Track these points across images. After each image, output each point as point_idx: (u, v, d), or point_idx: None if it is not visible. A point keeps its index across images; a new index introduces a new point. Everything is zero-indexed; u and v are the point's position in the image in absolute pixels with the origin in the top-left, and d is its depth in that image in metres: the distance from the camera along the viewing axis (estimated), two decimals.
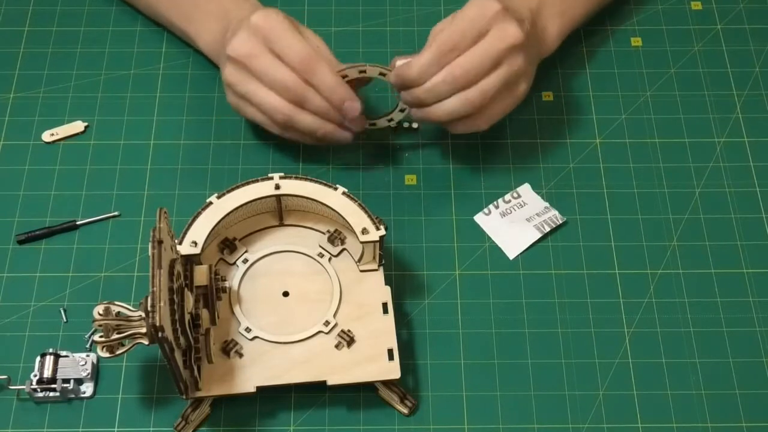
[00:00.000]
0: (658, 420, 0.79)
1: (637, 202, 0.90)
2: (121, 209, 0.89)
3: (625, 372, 0.81)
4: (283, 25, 0.83)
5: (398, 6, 1.02)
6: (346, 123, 0.85)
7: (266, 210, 0.84)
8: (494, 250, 0.88)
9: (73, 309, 0.84)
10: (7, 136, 0.93)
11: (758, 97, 0.97)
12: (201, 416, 0.78)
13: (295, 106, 0.84)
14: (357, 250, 0.81)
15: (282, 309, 0.80)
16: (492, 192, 0.90)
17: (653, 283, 0.86)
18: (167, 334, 0.67)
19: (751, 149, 0.93)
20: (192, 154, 0.92)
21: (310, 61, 0.82)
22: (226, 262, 0.82)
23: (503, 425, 0.79)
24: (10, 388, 0.79)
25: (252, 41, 0.83)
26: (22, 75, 0.97)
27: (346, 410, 0.79)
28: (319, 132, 0.85)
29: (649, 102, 0.96)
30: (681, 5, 1.03)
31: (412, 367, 0.81)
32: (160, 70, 0.98)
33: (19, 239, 0.87)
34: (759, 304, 0.85)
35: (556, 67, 0.97)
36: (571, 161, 0.92)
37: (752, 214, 0.89)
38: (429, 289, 0.85)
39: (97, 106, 0.95)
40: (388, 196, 0.90)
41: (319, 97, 0.84)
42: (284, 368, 0.77)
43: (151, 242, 0.69)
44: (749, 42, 1.00)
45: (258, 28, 0.83)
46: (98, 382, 0.80)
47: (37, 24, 1.00)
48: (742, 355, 0.82)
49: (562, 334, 0.83)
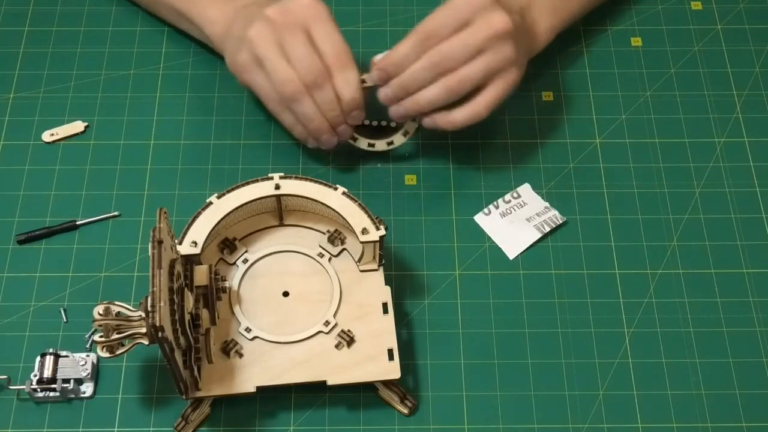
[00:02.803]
0: (658, 420, 0.79)
1: (637, 202, 0.90)
2: (121, 209, 0.89)
3: (625, 372, 0.81)
4: (329, 15, 0.83)
5: (398, 6, 1.02)
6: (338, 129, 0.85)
7: (266, 210, 0.84)
8: (494, 250, 0.88)
9: (73, 309, 0.84)
10: (7, 136, 0.93)
11: (758, 97, 0.97)
12: (201, 416, 0.78)
13: (305, 88, 0.83)
14: (357, 250, 0.81)
15: (282, 309, 0.80)
16: (492, 192, 0.90)
17: (653, 283, 0.86)
18: (167, 334, 0.67)
19: (751, 149, 0.93)
20: (192, 154, 0.92)
21: (346, 57, 0.82)
22: (226, 262, 0.82)
23: (503, 425, 0.79)
24: (10, 388, 0.79)
25: (295, 14, 0.83)
26: (22, 75, 0.97)
27: (346, 410, 0.79)
28: (313, 124, 0.84)
29: (649, 102, 0.96)
30: (681, 5, 1.03)
31: (412, 367, 0.81)
32: (160, 70, 0.98)
33: (19, 239, 0.87)
34: (759, 304, 0.85)
35: (556, 67, 0.98)
36: (571, 161, 0.92)
37: (752, 214, 0.89)
38: (429, 289, 0.85)
39: (97, 106, 0.95)
40: (388, 196, 0.90)
41: (333, 92, 0.83)
42: (284, 368, 0.77)
43: (151, 242, 0.69)
44: (749, 42, 1.00)
45: (306, 6, 0.83)
46: (98, 382, 0.80)
47: (37, 24, 1.00)
48: (742, 355, 0.82)
49: (562, 334, 0.83)
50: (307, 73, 0.82)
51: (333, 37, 0.82)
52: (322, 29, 0.82)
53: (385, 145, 0.90)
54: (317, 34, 0.82)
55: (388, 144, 0.90)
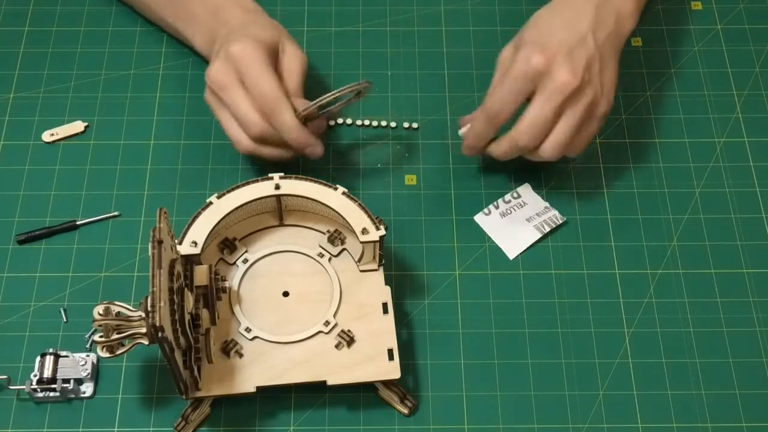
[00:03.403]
0: (658, 420, 0.79)
1: (637, 202, 0.90)
2: (121, 209, 0.89)
3: (625, 372, 0.81)
4: (256, 59, 0.82)
5: (398, 6, 1.02)
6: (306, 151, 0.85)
7: (266, 210, 0.84)
8: (494, 250, 0.88)
9: (73, 309, 0.84)
10: (7, 136, 0.93)
11: (758, 97, 0.97)
12: (201, 416, 0.78)
13: (256, 142, 0.84)
14: (357, 250, 0.81)
15: (282, 309, 0.80)
16: (492, 192, 0.90)
17: (653, 283, 0.86)
18: (167, 334, 0.67)
19: (751, 149, 0.93)
20: (192, 154, 0.92)
21: (273, 103, 0.82)
22: (226, 262, 0.82)
23: (503, 425, 0.79)
24: (10, 388, 0.79)
25: (225, 70, 0.83)
26: (22, 75, 0.97)
27: (346, 410, 0.79)
28: (284, 158, 0.86)
29: (649, 102, 0.96)
30: (681, 5, 1.03)
31: (412, 367, 0.81)
32: (160, 70, 0.98)
33: (19, 239, 0.87)
34: (759, 304, 0.85)
35: None
36: (571, 161, 0.92)
37: (752, 214, 0.89)
38: (429, 289, 0.85)
39: (97, 106, 0.95)
40: (388, 196, 0.90)
41: (279, 137, 0.84)
42: (284, 368, 0.77)
43: (151, 242, 0.69)
44: (749, 42, 1.00)
45: (233, 59, 0.83)
46: (98, 382, 0.80)
47: (37, 24, 1.00)
48: (742, 355, 0.82)
49: (562, 334, 0.83)
50: (250, 129, 0.83)
51: (260, 85, 0.82)
52: (249, 79, 0.82)
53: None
54: (248, 84, 0.83)
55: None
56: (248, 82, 0.82)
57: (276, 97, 0.82)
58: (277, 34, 0.86)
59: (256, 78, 0.82)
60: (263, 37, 0.84)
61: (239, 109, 0.83)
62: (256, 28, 0.86)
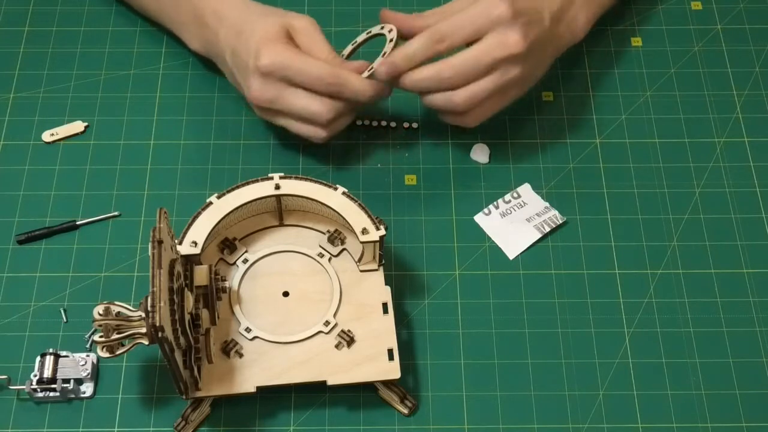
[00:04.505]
0: (658, 420, 0.79)
1: (637, 202, 0.90)
2: (121, 209, 0.89)
3: (625, 372, 0.81)
4: (289, 57, 0.83)
5: (398, 6, 1.02)
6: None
7: (266, 210, 0.84)
8: (494, 250, 0.88)
9: (73, 309, 0.84)
10: (7, 136, 0.93)
11: (758, 97, 0.97)
12: (201, 416, 0.78)
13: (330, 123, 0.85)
14: (357, 250, 0.81)
15: (282, 309, 0.80)
16: (492, 192, 0.90)
17: (653, 283, 0.86)
18: (167, 334, 0.67)
19: (751, 149, 0.93)
20: (192, 154, 0.92)
21: (333, 78, 0.82)
22: (226, 262, 0.82)
23: (503, 425, 0.79)
24: (10, 388, 0.79)
25: (267, 85, 0.84)
26: (22, 75, 0.97)
27: (346, 410, 0.79)
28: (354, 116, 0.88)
29: (649, 102, 0.96)
30: (681, 5, 1.03)
31: (412, 367, 0.81)
32: (160, 70, 0.98)
33: (19, 239, 0.87)
34: (759, 304, 0.85)
35: (556, 67, 0.97)
36: (571, 161, 0.92)
37: (752, 214, 0.89)
38: (429, 289, 0.85)
39: (97, 106, 0.95)
40: (388, 196, 0.90)
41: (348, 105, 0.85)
42: (284, 368, 0.77)
43: (151, 242, 0.69)
44: (749, 42, 1.00)
45: (269, 71, 0.83)
46: (98, 382, 0.80)
47: (37, 24, 1.00)
48: (742, 355, 0.82)
49: (562, 334, 0.83)
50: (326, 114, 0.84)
51: (312, 73, 0.82)
52: (300, 78, 0.83)
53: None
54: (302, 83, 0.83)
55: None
56: (298, 80, 0.83)
57: (331, 73, 0.82)
58: (279, 18, 0.86)
59: (301, 72, 0.82)
60: (274, 30, 0.84)
61: (302, 108, 0.84)
62: (259, 22, 0.85)
